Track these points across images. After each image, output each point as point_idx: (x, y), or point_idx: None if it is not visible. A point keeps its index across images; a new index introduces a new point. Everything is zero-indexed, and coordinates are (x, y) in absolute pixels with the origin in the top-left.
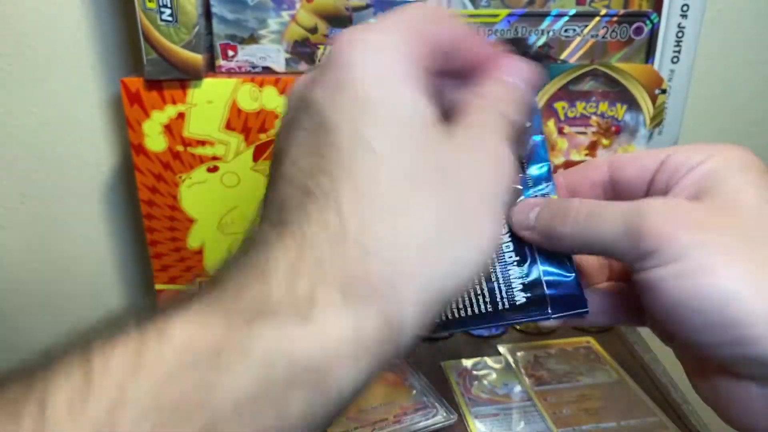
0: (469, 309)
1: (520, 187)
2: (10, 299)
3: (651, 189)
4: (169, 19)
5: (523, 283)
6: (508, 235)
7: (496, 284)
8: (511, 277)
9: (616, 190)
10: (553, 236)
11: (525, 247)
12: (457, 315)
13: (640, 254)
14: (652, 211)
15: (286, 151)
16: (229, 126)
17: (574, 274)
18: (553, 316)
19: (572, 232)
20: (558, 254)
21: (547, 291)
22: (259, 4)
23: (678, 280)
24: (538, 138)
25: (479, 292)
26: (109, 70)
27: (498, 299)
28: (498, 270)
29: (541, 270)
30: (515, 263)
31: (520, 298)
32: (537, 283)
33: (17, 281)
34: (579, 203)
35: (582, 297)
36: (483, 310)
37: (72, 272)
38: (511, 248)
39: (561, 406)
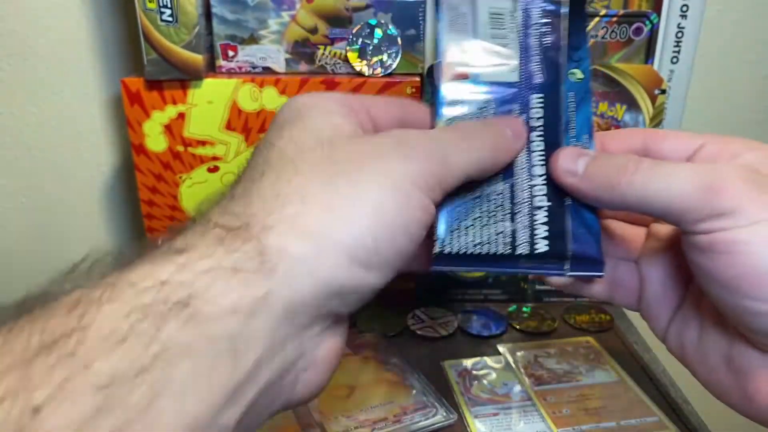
0: (486, 246)
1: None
2: (10, 298)
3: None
4: (170, 19)
5: (548, 231)
6: (542, 178)
7: (520, 225)
8: (536, 222)
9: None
10: (607, 187)
11: (558, 195)
12: (471, 250)
13: (714, 212)
14: (732, 172)
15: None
16: (229, 126)
17: (599, 234)
18: (568, 273)
19: (631, 183)
20: (587, 210)
21: (571, 245)
22: (260, 4)
23: (755, 244)
24: (586, 90)
25: (501, 230)
26: (109, 70)
27: (519, 242)
28: (525, 211)
29: (570, 222)
30: (546, 209)
31: (542, 246)
32: (562, 233)
33: (17, 281)
34: (638, 157)
35: (601, 260)
36: (500, 251)
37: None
38: (544, 191)
39: (561, 405)
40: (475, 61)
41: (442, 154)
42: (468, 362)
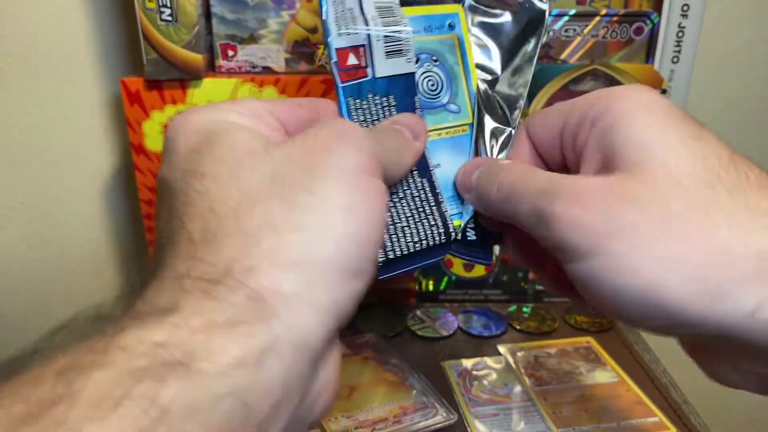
0: (424, 241)
1: None
2: (10, 299)
3: (564, 149)
4: (169, 19)
5: (474, 220)
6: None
7: (451, 211)
8: (468, 209)
9: (539, 154)
10: (483, 202)
11: None
12: (413, 249)
13: (554, 245)
14: (558, 196)
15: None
16: None
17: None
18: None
19: (496, 200)
20: None
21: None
22: (259, 4)
23: (594, 278)
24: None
25: (433, 222)
26: (109, 70)
27: (451, 229)
28: (457, 198)
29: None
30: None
31: (471, 234)
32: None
33: (17, 281)
34: (507, 169)
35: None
36: (437, 242)
37: (72, 272)
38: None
39: (561, 406)
40: (370, 57)
41: (369, 138)
42: (468, 362)
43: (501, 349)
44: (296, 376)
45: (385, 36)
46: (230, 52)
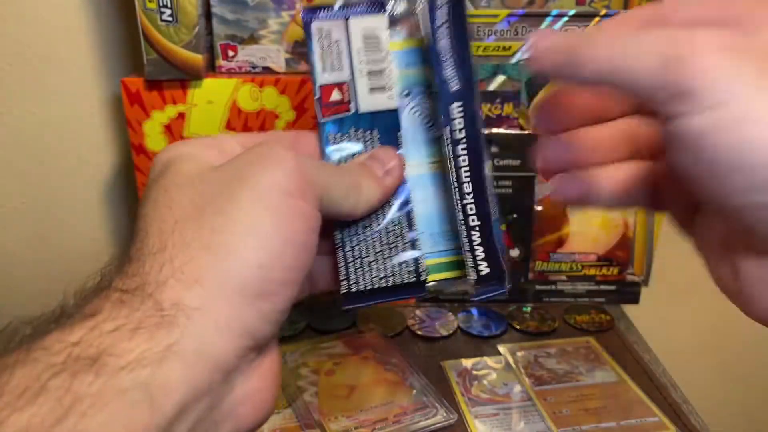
0: (390, 278)
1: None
2: (11, 299)
3: None
4: (170, 19)
5: (484, 252)
6: (471, 196)
7: (464, 249)
8: (474, 243)
9: None
10: (577, 61)
11: (486, 211)
12: (378, 285)
13: (673, 93)
14: (708, 39)
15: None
16: (229, 126)
17: (503, 247)
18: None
19: (600, 55)
20: (497, 223)
21: (503, 263)
22: (260, 4)
23: (717, 132)
24: None
25: (403, 259)
26: (109, 70)
27: (467, 267)
28: (463, 234)
29: (496, 238)
30: (478, 228)
31: (484, 268)
32: (495, 251)
33: (17, 281)
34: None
35: (505, 273)
36: (405, 281)
37: (72, 272)
38: (474, 210)
39: (561, 406)
40: (353, 92)
41: (303, 161)
42: (468, 362)
43: (501, 349)
44: (202, 382)
45: (369, 72)
46: (230, 53)
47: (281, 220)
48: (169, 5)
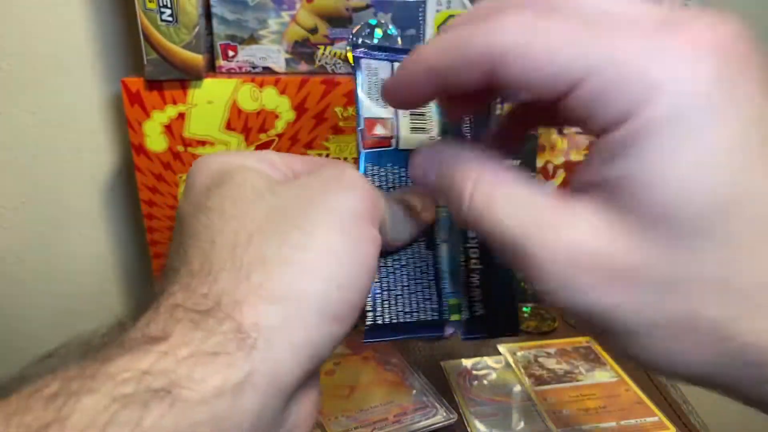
0: (414, 314)
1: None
2: (11, 299)
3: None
4: (170, 19)
5: (482, 294)
6: (475, 240)
7: (460, 290)
8: (472, 285)
9: None
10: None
11: (489, 255)
12: (402, 319)
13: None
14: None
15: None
16: (229, 126)
17: (516, 292)
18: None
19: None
20: (505, 268)
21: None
22: (260, 4)
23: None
24: None
25: (428, 296)
26: (109, 70)
27: (461, 307)
28: (462, 275)
29: (496, 282)
30: (479, 272)
31: (479, 309)
32: (492, 295)
33: (17, 281)
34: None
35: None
36: (428, 318)
37: (72, 272)
38: (477, 254)
39: (561, 406)
40: (396, 129)
41: (372, 186)
42: (468, 362)
43: (501, 348)
44: (269, 410)
45: (411, 112)
46: (230, 53)
47: (355, 243)
48: (169, 5)
